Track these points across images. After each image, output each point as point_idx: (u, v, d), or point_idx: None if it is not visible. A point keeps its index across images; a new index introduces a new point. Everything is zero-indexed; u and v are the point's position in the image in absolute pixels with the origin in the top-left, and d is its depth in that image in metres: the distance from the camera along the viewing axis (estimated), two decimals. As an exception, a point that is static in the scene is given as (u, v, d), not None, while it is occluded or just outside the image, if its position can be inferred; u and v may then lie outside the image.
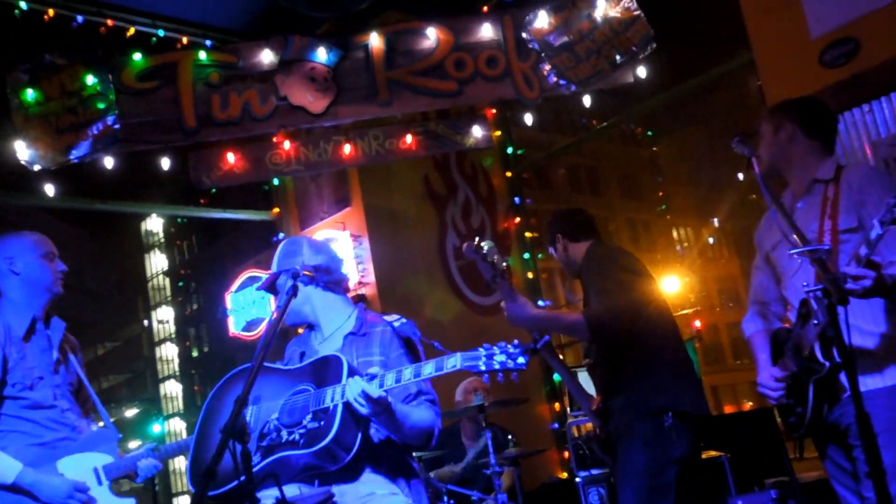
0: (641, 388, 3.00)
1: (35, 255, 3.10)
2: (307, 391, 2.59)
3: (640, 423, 2.97)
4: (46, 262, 3.11)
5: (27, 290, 3.06)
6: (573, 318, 3.06)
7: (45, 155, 5.11)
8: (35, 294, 3.08)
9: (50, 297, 3.12)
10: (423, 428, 2.63)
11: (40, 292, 3.09)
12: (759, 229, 2.83)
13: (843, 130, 4.17)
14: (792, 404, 2.57)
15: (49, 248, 3.15)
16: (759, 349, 2.74)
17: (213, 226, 32.80)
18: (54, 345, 3.09)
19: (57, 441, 2.96)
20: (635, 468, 2.97)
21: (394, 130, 5.74)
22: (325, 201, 6.65)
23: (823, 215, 2.54)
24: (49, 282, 3.10)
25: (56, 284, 3.13)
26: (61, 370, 3.09)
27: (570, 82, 5.33)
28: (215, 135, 5.29)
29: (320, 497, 2.36)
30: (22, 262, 3.06)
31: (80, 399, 3.17)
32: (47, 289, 3.10)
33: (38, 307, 3.08)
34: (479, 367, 2.32)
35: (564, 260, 3.42)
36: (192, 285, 37.78)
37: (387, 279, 6.13)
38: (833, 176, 2.57)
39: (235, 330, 7.46)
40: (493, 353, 2.33)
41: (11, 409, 2.90)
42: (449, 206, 6.87)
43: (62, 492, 2.81)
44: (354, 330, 2.80)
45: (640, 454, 2.95)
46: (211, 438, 2.69)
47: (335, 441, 2.42)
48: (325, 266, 2.84)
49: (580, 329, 3.00)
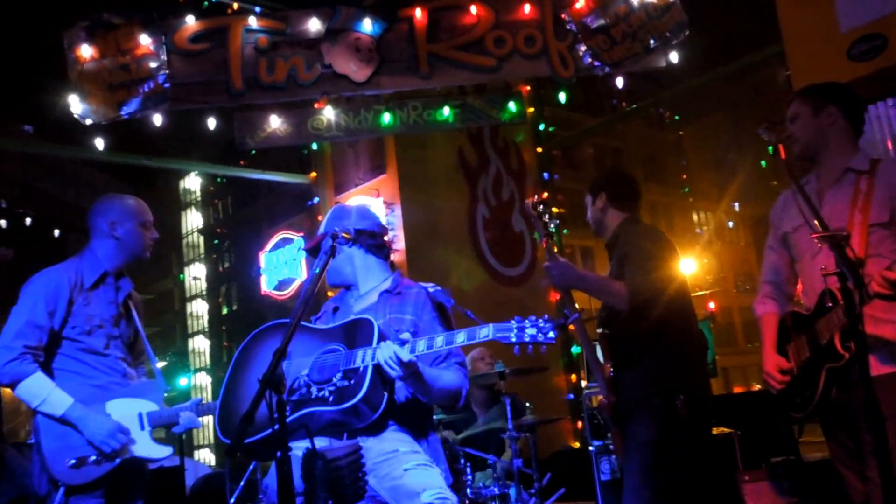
0: (659, 366, 3.01)
1: (136, 222, 3.20)
2: (338, 351, 2.64)
3: (654, 398, 2.99)
4: (143, 231, 3.22)
5: (116, 252, 3.17)
6: (617, 286, 3.06)
7: (97, 110, 5.30)
8: (121, 256, 3.19)
9: (134, 262, 3.23)
10: (452, 390, 2.69)
11: (127, 256, 3.20)
12: (775, 209, 2.80)
13: (867, 123, 4.22)
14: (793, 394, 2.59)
15: (148, 217, 3.25)
16: (768, 332, 2.75)
17: (249, 187, 33.11)
18: (119, 300, 3.21)
19: (108, 384, 3.08)
20: (645, 442, 2.99)
21: (432, 102, 5.85)
22: (360, 168, 6.78)
23: (854, 207, 2.53)
24: (140, 249, 3.22)
25: (146, 252, 3.24)
26: (122, 324, 3.21)
27: (605, 64, 5.42)
28: (261, 98, 5.44)
29: (349, 448, 2.38)
30: (123, 228, 3.16)
31: (135, 352, 3.30)
32: (137, 255, 3.22)
33: (113, 265, 3.19)
34: (511, 339, 2.35)
35: (596, 218, 3.40)
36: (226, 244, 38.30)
37: (416, 246, 6.27)
38: (868, 168, 2.56)
39: (267, 289, 7.64)
40: (525, 326, 2.36)
41: (68, 350, 3.03)
42: (480, 179, 7.00)
43: (105, 430, 2.92)
44: (390, 288, 2.86)
45: (652, 429, 2.97)
46: (238, 391, 2.75)
47: (364, 400, 2.47)
48: (370, 230, 2.92)
49: (620, 298, 3.02)
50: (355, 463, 2.36)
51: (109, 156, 6.09)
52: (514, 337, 2.35)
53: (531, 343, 2.36)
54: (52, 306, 2.99)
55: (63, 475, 2.88)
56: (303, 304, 2.34)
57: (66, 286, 3.03)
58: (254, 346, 2.86)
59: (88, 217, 3.22)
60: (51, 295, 3.00)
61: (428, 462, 2.66)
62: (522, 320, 2.38)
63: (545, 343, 2.36)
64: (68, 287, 3.04)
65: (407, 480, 2.55)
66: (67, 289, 3.04)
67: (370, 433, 2.62)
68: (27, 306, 2.98)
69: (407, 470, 2.57)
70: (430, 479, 2.58)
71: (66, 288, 3.03)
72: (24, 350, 2.92)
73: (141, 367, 3.34)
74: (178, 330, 40.34)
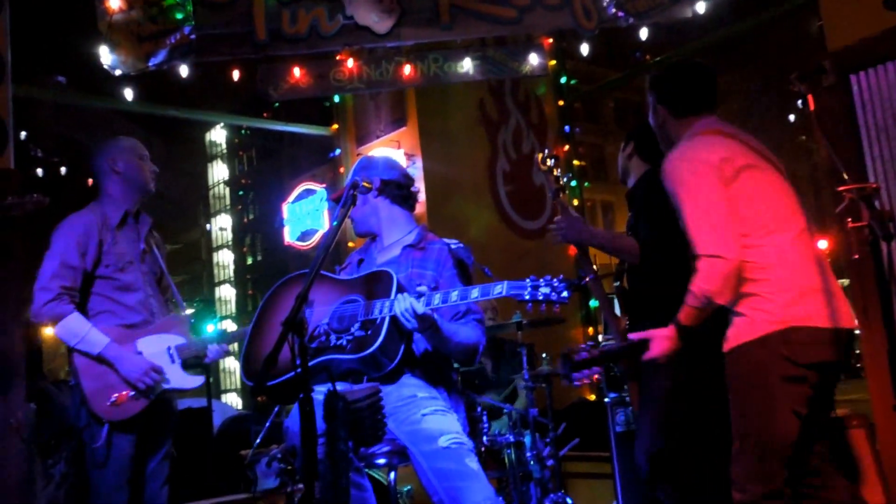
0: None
1: (132, 155, 3.40)
2: (357, 301, 2.71)
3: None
4: (142, 163, 3.41)
5: (125, 187, 3.36)
6: (629, 242, 3.10)
7: (125, 61, 5.35)
8: (131, 191, 3.38)
9: (143, 194, 3.42)
10: (468, 345, 2.75)
11: (136, 189, 3.39)
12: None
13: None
14: None
15: (143, 151, 3.45)
16: None
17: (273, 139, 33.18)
18: (141, 236, 3.39)
19: (139, 323, 3.24)
20: (662, 394, 3.04)
21: (452, 54, 5.82)
22: (382, 120, 6.79)
23: None
24: (144, 180, 3.41)
25: (150, 183, 3.43)
26: (147, 259, 3.38)
27: (629, 14, 5.34)
28: (283, 49, 5.43)
29: (369, 390, 2.44)
30: (122, 162, 3.36)
31: (161, 288, 3.45)
32: (142, 187, 3.41)
33: (131, 202, 3.38)
34: (524, 297, 2.40)
35: (623, 165, 3.41)
36: (251, 195, 38.61)
37: (436, 199, 6.30)
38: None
39: (290, 239, 7.70)
40: (539, 285, 2.40)
41: (104, 289, 3.19)
42: (501, 132, 6.99)
43: (140, 369, 3.07)
44: (413, 242, 2.91)
45: (668, 380, 3.00)
46: (262, 337, 2.85)
47: (380, 350, 2.55)
48: (397, 181, 2.97)
49: (632, 255, 3.06)
50: (375, 405, 2.43)
51: (140, 106, 6.16)
52: (528, 295, 2.41)
53: (544, 302, 2.41)
54: (84, 247, 3.13)
55: (105, 413, 3.05)
56: (323, 251, 2.39)
57: (95, 228, 3.18)
58: (278, 295, 2.95)
59: (91, 165, 3.41)
60: (81, 237, 3.14)
61: (446, 408, 2.74)
62: (537, 279, 2.43)
63: (558, 302, 2.41)
64: (97, 228, 3.19)
65: (425, 425, 2.63)
66: (96, 230, 3.18)
67: (388, 381, 2.68)
68: (59, 249, 3.12)
69: (425, 415, 2.65)
70: (448, 424, 2.66)
71: (94, 229, 3.18)
72: (60, 290, 3.06)
73: (168, 306, 3.48)
74: (205, 279, 40.97)
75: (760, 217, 2.42)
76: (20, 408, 3.65)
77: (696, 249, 2.40)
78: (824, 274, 2.43)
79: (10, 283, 3.69)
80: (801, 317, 2.35)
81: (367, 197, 2.95)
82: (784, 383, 2.34)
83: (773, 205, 2.45)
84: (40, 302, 3.05)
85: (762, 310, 2.38)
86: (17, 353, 3.70)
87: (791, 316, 2.35)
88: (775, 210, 2.44)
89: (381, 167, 3.02)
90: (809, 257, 2.43)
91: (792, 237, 2.43)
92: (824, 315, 2.36)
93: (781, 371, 2.33)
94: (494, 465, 4.31)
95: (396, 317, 2.56)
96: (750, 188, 2.44)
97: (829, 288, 2.41)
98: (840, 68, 3.94)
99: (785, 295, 2.37)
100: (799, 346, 2.33)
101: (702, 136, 2.57)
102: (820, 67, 3.10)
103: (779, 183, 2.51)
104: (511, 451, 4.24)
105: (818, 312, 2.36)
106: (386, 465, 2.91)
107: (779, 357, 2.33)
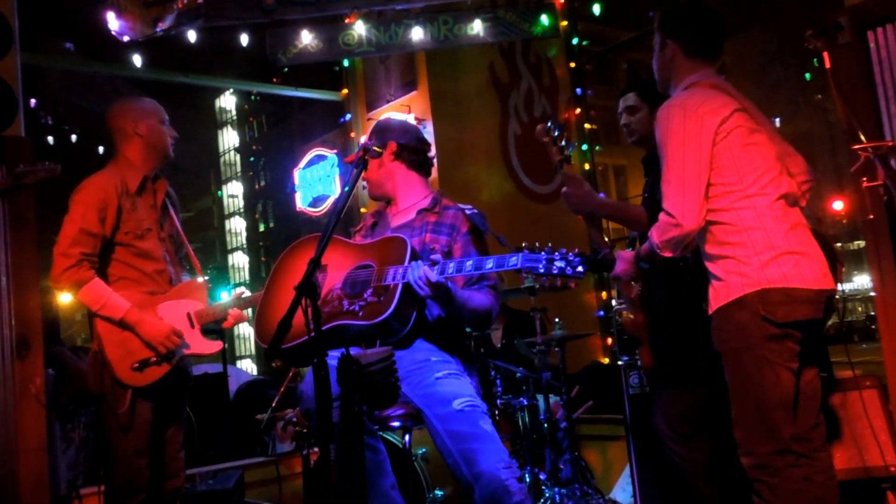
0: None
1: (155, 119, 3.31)
2: (370, 267, 2.68)
3: None
4: (165, 128, 3.33)
5: (146, 152, 3.28)
6: (636, 211, 3.11)
7: (133, 26, 5.31)
8: (151, 156, 3.30)
9: (163, 160, 3.35)
10: (481, 311, 2.74)
11: (156, 155, 3.31)
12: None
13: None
14: None
15: (164, 115, 3.35)
16: None
17: (283, 105, 33.02)
18: (158, 203, 3.33)
19: (158, 290, 3.23)
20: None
21: (462, 16, 5.75)
22: (392, 84, 6.74)
23: None
24: (165, 146, 3.33)
25: (170, 149, 3.36)
26: (165, 226, 3.34)
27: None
28: (292, 13, 5.37)
29: (383, 354, 2.43)
30: (145, 124, 3.27)
31: (179, 255, 3.43)
32: (163, 152, 3.33)
33: (150, 168, 3.31)
34: (539, 270, 2.38)
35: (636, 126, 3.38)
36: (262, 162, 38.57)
37: (448, 163, 6.26)
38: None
39: (302, 205, 7.67)
40: (554, 259, 2.39)
41: (123, 256, 3.16)
42: (512, 95, 6.92)
43: (161, 333, 3.07)
44: (428, 206, 2.89)
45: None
46: (275, 301, 2.84)
47: (393, 316, 2.54)
48: (412, 145, 2.94)
49: (640, 224, 3.07)
50: (389, 368, 2.42)
51: (148, 72, 6.13)
52: (543, 268, 2.38)
53: (559, 276, 2.39)
54: (103, 213, 3.10)
55: (130, 379, 3.06)
56: (335, 215, 2.38)
57: (114, 193, 3.13)
58: (291, 258, 2.94)
59: (108, 122, 3.31)
60: (101, 202, 3.10)
61: (459, 372, 2.75)
62: (552, 252, 2.41)
63: (573, 277, 2.39)
64: (116, 194, 3.14)
65: (439, 388, 2.64)
66: (115, 196, 3.13)
67: (401, 346, 2.68)
68: (79, 214, 3.08)
69: (438, 378, 2.67)
70: (462, 387, 2.67)
71: (113, 195, 3.13)
72: (81, 256, 3.04)
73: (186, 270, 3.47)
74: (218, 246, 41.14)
75: (742, 180, 2.42)
76: (39, 373, 3.70)
77: (663, 201, 2.43)
78: (802, 237, 2.45)
79: (25, 250, 3.72)
80: (775, 279, 2.36)
81: (383, 160, 2.92)
82: (769, 342, 2.35)
83: (757, 168, 2.44)
84: (61, 268, 3.02)
85: (738, 273, 2.40)
86: (34, 319, 3.74)
87: (766, 278, 2.36)
88: (758, 174, 2.44)
89: (398, 131, 2.99)
90: (787, 221, 2.43)
91: (770, 201, 2.42)
92: (800, 277, 2.38)
93: (763, 331, 2.35)
94: (509, 427, 4.34)
95: (409, 284, 2.55)
96: (737, 149, 2.43)
97: (805, 250, 2.42)
98: (857, 24, 3.84)
99: (760, 257, 2.38)
100: (776, 307, 2.34)
101: (701, 88, 2.55)
102: (836, 24, 3.04)
103: (766, 146, 2.49)
104: (524, 414, 4.27)
105: (794, 274, 2.37)
106: (400, 428, 2.93)
107: (758, 317, 2.35)
